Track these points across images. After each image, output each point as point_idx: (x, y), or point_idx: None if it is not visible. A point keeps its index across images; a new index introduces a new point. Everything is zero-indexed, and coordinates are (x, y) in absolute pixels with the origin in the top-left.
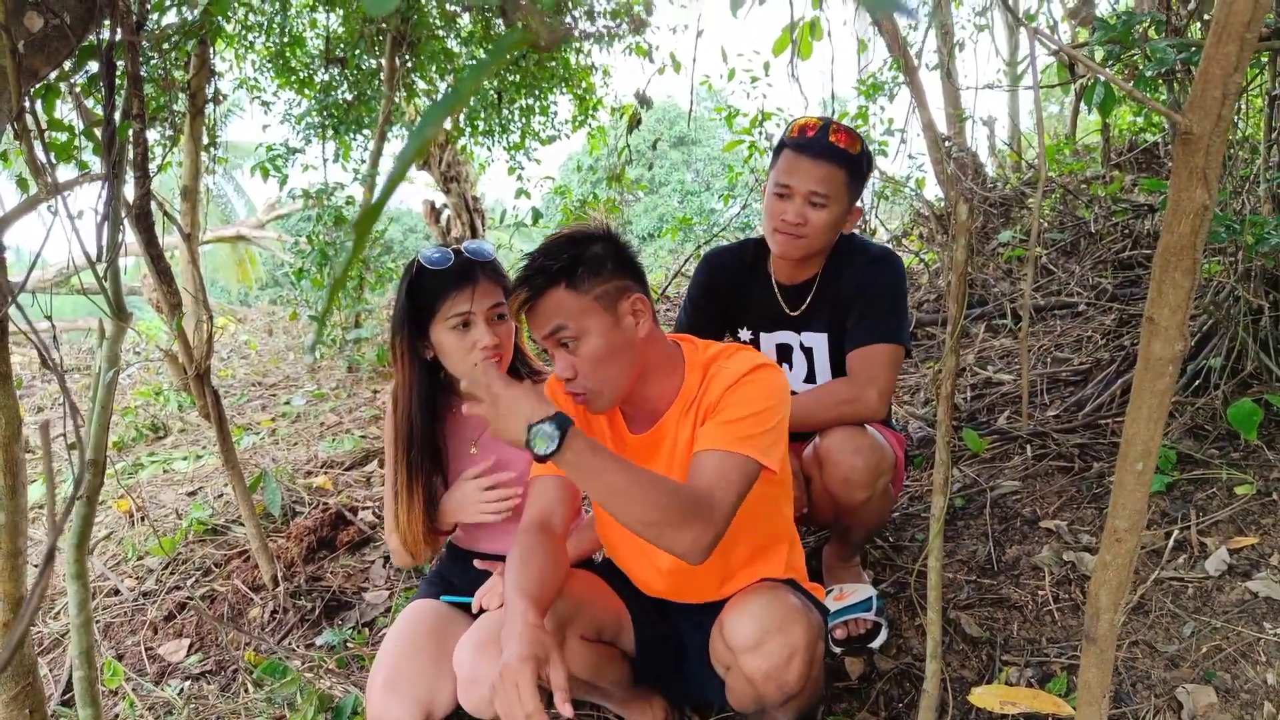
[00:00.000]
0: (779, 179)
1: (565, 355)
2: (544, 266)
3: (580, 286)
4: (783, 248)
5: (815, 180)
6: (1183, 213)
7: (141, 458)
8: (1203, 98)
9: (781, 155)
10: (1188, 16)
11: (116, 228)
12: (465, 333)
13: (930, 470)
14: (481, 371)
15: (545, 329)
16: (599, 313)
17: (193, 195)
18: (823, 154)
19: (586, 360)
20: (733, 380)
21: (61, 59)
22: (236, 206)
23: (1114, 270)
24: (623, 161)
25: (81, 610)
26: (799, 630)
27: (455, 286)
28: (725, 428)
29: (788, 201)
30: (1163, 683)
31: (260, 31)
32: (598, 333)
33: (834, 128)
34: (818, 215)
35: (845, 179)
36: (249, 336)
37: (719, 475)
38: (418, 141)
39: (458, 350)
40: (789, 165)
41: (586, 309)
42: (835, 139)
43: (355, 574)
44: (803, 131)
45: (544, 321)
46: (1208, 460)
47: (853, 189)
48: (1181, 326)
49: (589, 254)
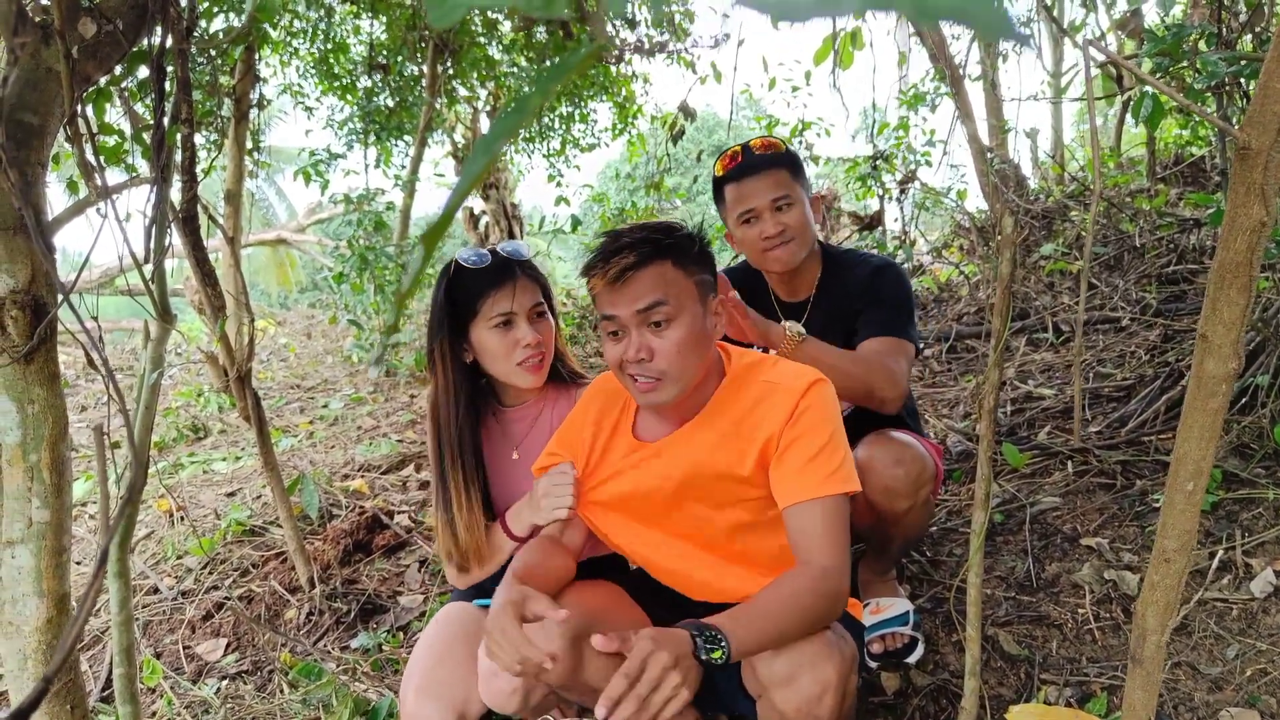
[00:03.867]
0: (739, 210)
1: (645, 335)
2: (651, 239)
3: (687, 268)
4: (781, 260)
5: (769, 189)
6: (1239, 229)
7: (182, 458)
8: (1262, 112)
9: (725, 192)
10: (1239, 29)
11: (163, 231)
12: (508, 331)
13: (968, 484)
14: (618, 643)
15: (643, 301)
16: (696, 299)
17: (236, 199)
18: (760, 165)
19: (673, 344)
20: (790, 411)
21: (113, 64)
22: (278, 210)
23: (1158, 285)
24: (662, 170)
25: (122, 608)
26: (831, 667)
27: (495, 285)
28: (807, 471)
29: (760, 221)
30: (1205, 705)
31: (305, 38)
32: (691, 318)
33: (754, 144)
34: (790, 215)
35: (789, 175)
36: (288, 339)
37: (825, 529)
38: (487, 154)
39: (500, 349)
40: (739, 194)
41: (687, 291)
42: (759, 150)
43: (390, 577)
44: (731, 161)
45: (644, 293)
46: (1254, 480)
47: (801, 182)
48: (1236, 344)
49: (690, 240)
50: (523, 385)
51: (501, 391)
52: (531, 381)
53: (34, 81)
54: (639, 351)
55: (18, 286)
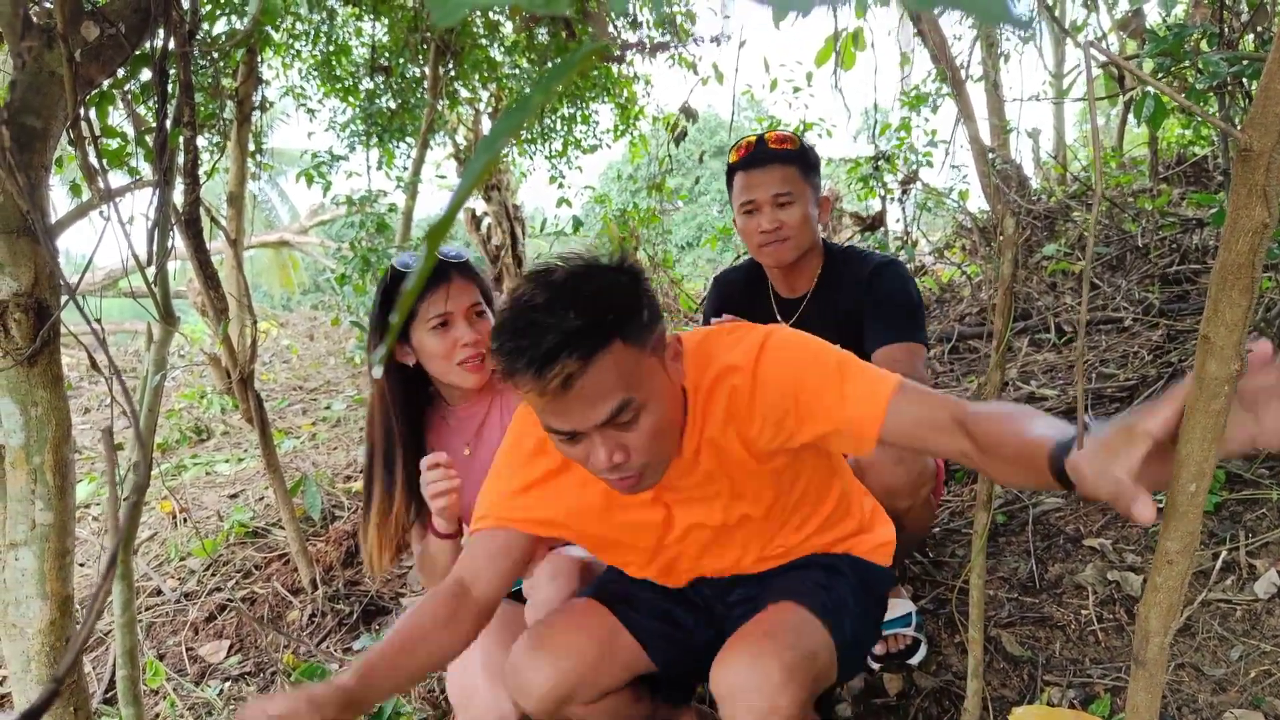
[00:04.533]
0: (741, 199)
1: (613, 436)
2: (590, 323)
3: (640, 336)
4: (774, 256)
5: (773, 183)
6: (1241, 230)
7: (185, 460)
8: (1263, 114)
9: (735, 180)
10: (1241, 30)
11: (166, 233)
12: (446, 332)
13: (969, 485)
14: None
15: (605, 408)
16: (657, 368)
17: (239, 201)
18: (769, 159)
19: (646, 434)
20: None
21: (115, 67)
22: (280, 212)
23: (1161, 285)
24: (664, 171)
25: (126, 610)
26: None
27: (430, 288)
28: (848, 399)
29: (758, 214)
30: (1209, 707)
31: (307, 40)
32: (659, 393)
33: (769, 136)
34: (789, 213)
35: (798, 173)
36: (290, 341)
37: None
38: (489, 153)
39: (439, 350)
40: (745, 183)
41: (648, 368)
42: (774, 144)
43: (393, 580)
44: (745, 150)
45: (602, 398)
46: (1257, 480)
47: (810, 181)
48: (1238, 346)
49: (634, 297)
50: (464, 385)
51: (448, 393)
52: (473, 381)
53: (37, 85)
54: (611, 456)
55: (21, 289)
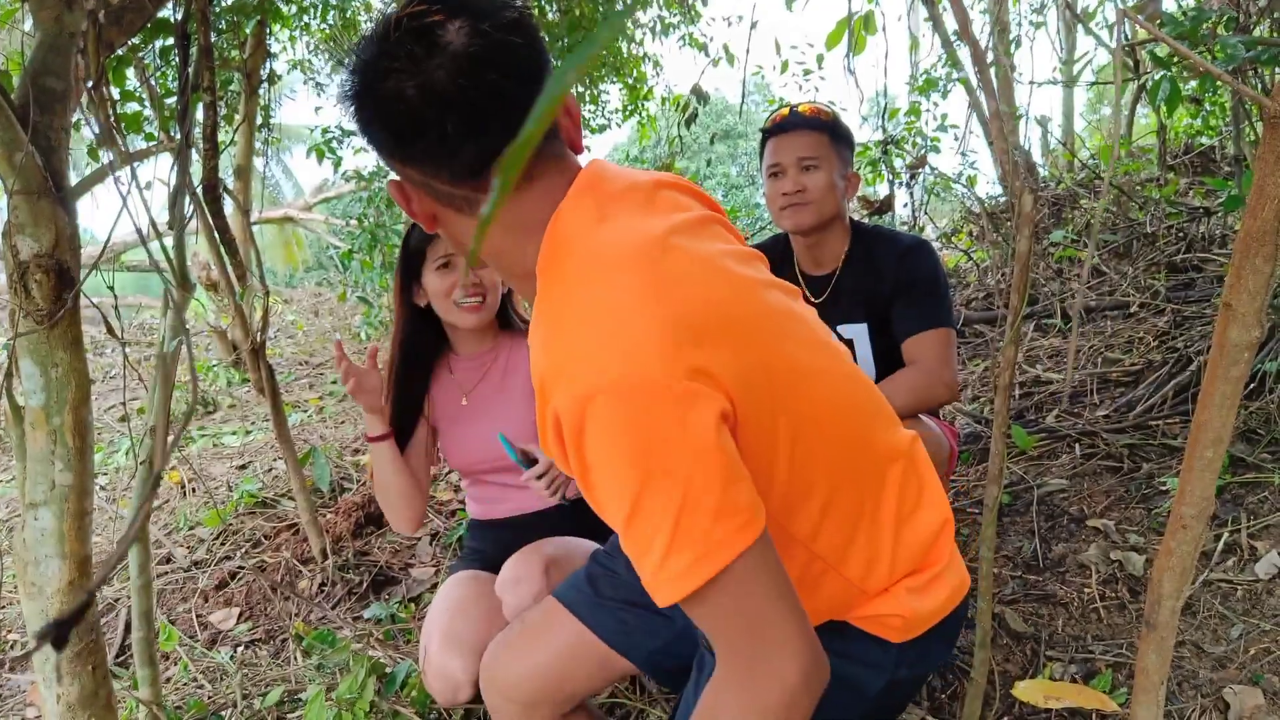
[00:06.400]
0: (768, 163)
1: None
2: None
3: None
4: (793, 220)
5: (800, 148)
6: (1267, 197)
7: (192, 431)
8: None
9: (766, 146)
10: (1258, 14)
11: (183, 198)
12: (448, 273)
13: (976, 466)
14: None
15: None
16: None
17: (246, 174)
18: (800, 125)
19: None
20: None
21: (135, 31)
22: (285, 189)
23: (1167, 273)
24: (673, 152)
25: (142, 573)
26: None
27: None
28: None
29: (783, 178)
30: (1210, 683)
31: (315, 13)
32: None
33: (804, 107)
34: (812, 178)
35: (828, 141)
36: (295, 317)
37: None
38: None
39: (442, 288)
40: (773, 148)
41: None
42: (807, 113)
43: (402, 550)
44: (779, 119)
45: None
46: (1260, 464)
47: (839, 151)
48: (1259, 313)
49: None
50: (463, 325)
51: (454, 337)
52: (472, 322)
53: (57, 46)
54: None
55: (42, 250)
